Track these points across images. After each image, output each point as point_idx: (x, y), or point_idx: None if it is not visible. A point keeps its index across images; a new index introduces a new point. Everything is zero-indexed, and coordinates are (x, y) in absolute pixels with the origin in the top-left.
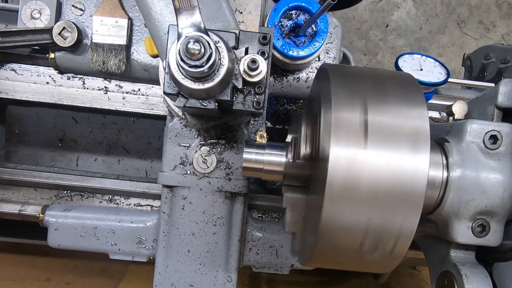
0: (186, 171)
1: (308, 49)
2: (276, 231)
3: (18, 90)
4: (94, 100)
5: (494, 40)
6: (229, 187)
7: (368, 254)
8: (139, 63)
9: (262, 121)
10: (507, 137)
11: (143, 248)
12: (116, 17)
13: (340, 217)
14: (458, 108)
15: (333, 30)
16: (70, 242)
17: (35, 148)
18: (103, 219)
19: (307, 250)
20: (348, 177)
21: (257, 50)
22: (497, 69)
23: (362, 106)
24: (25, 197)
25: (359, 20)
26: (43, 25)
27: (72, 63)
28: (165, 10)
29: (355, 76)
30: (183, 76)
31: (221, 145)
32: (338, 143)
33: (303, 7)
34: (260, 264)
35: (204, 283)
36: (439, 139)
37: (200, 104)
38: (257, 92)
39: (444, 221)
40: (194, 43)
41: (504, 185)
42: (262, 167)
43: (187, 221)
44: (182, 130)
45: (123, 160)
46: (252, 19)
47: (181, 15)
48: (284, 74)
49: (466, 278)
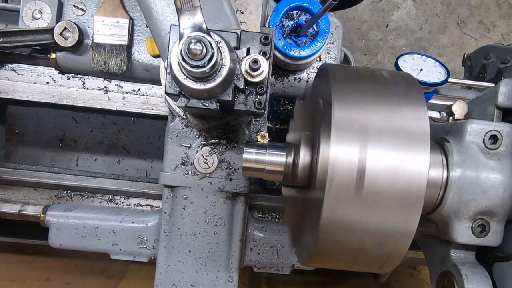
0: (187, 171)
1: (309, 49)
2: (277, 231)
3: (18, 90)
4: (94, 100)
5: (494, 40)
6: (230, 187)
7: (368, 254)
8: (140, 63)
9: (264, 121)
10: (507, 137)
11: (144, 248)
12: (117, 17)
13: (340, 217)
14: (458, 108)
15: (334, 30)
16: (71, 242)
17: (35, 148)
18: (104, 219)
19: (306, 250)
20: (348, 177)
21: (259, 50)
22: (497, 69)
23: (362, 106)
24: (25, 197)
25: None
26: (44, 25)
27: (73, 63)
28: (166, 10)
29: (355, 76)
30: (185, 76)
31: (223, 145)
32: (338, 143)
33: (304, 7)
34: (261, 264)
35: (205, 283)
36: (439, 139)
37: (202, 104)
38: (259, 92)
39: (444, 221)
40: (196, 44)
41: (504, 185)
42: (262, 167)
43: (188, 221)
44: (183, 130)
45: (123, 160)
46: (253, 19)
47: (183, 15)
48: (285, 74)
49: (466, 278)
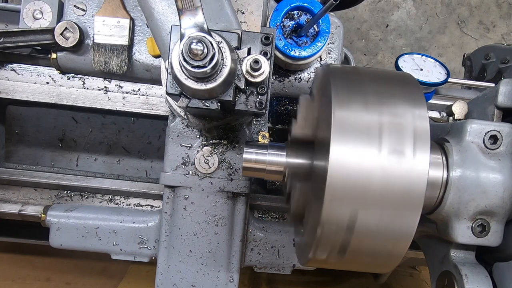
0: (188, 172)
1: (310, 49)
2: (278, 231)
3: (18, 90)
4: (94, 100)
5: (494, 40)
6: (231, 187)
7: (368, 254)
8: (141, 63)
9: (264, 121)
10: (507, 137)
11: (145, 248)
12: (118, 18)
13: (340, 217)
14: (458, 108)
15: (335, 31)
16: (72, 242)
17: (35, 148)
18: (105, 219)
19: (307, 250)
20: (348, 177)
21: (260, 50)
22: (497, 69)
23: (362, 106)
24: (25, 197)
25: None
26: (45, 26)
27: (74, 63)
28: (167, 11)
29: (355, 76)
30: (186, 76)
31: (223, 145)
32: (338, 144)
33: (305, 8)
34: (262, 264)
35: (206, 283)
36: (439, 139)
37: (203, 104)
38: (260, 93)
39: (444, 221)
40: (197, 44)
41: (504, 185)
42: (262, 167)
43: (189, 221)
44: (184, 130)
45: (123, 160)
46: (254, 19)
47: (184, 16)
48: (285, 75)
49: (466, 278)
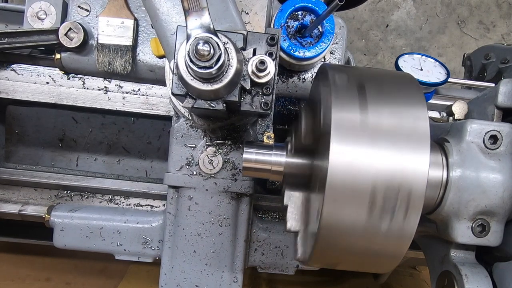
0: (192, 172)
1: (314, 50)
2: (281, 231)
3: (18, 90)
4: (94, 100)
5: (494, 40)
6: (235, 188)
7: (368, 254)
8: (145, 63)
9: (269, 122)
10: (507, 137)
11: (149, 248)
12: (122, 18)
13: (340, 217)
14: (458, 108)
15: (339, 31)
16: (75, 242)
17: (35, 148)
18: (108, 220)
19: (307, 250)
20: (348, 177)
21: (265, 51)
22: (497, 69)
23: (362, 106)
24: (25, 197)
25: (359, 20)
26: (49, 26)
27: (78, 63)
28: (172, 11)
29: (355, 76)
30: (192, 77)
31: (227, 146)
32: (338, 144)
33: (309, 8)
34: (265, 264)
35: (210, 284)
36: (439, 139)
37: (208, 105)
38: (265, 93)
39: (444, 221)
40: (204, 44)
41: (504, 185)
42: (262, 167)
43: (193, 221)
44: (188, 130)
45: (123, 160)
46: (258, 20)
47: (190, 16)
48: (289, 75)
49: (466, 278)
